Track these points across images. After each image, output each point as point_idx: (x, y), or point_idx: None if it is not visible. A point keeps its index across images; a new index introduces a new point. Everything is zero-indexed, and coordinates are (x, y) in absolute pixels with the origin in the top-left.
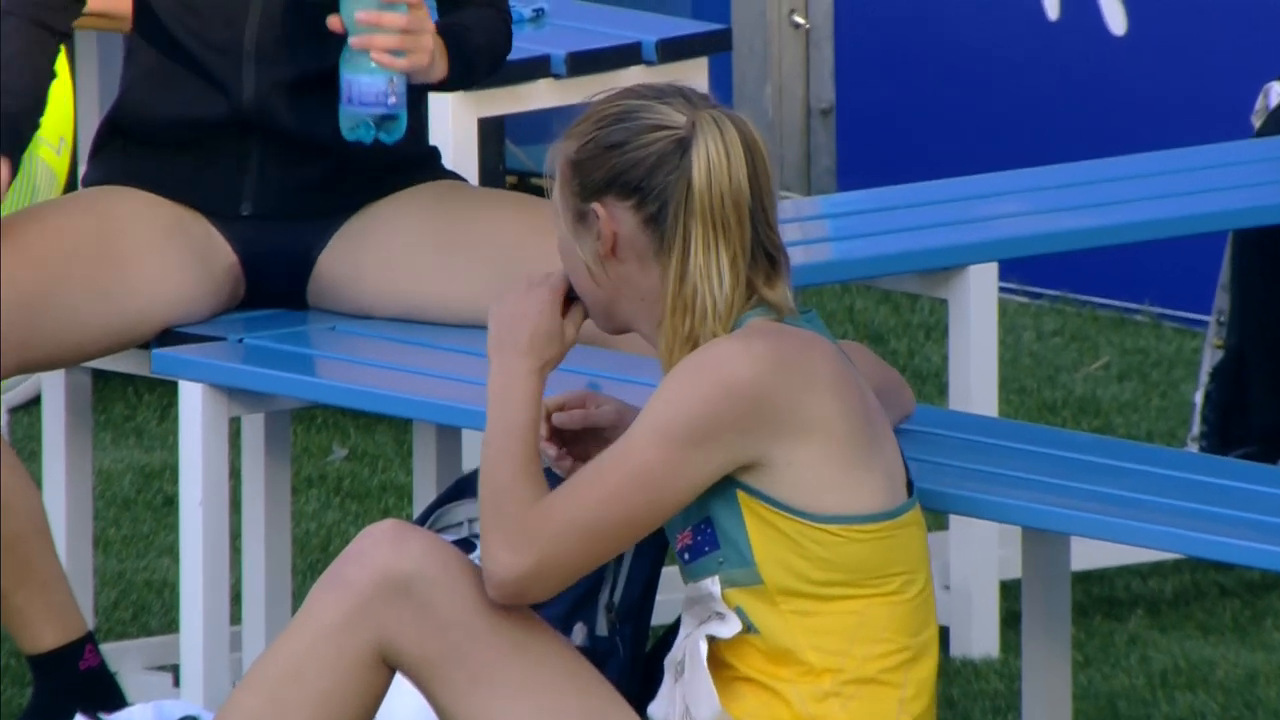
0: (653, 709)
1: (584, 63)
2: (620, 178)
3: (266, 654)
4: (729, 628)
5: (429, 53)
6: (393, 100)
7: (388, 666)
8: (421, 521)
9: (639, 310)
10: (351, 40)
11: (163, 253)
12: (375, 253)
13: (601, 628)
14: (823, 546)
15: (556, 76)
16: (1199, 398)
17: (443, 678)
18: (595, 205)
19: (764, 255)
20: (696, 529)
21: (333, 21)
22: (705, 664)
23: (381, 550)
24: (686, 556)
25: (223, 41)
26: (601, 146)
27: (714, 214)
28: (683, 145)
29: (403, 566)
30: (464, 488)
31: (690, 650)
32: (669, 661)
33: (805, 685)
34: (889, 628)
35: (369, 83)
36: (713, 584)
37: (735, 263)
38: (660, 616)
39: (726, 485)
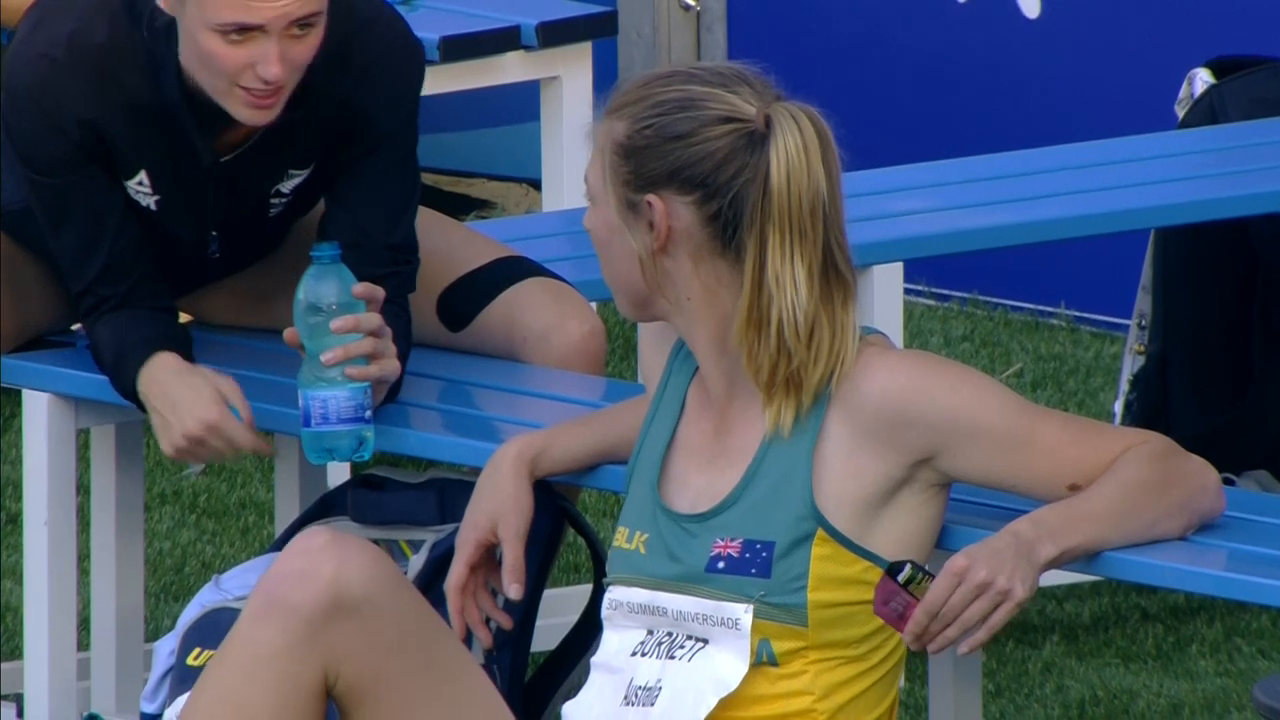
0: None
1: (458, 48)
2: (683, 172)
3: (200, 690)
4: (734, 672)
5: (395, 354)
6: (369, 414)
7: (327, 694)
8: (283, 542)
9: (683, 308)
10: (325, 356)
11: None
12: (221, 292)
13: (477, 654)
14: None
15: (429, 63)
16: (1119, 407)
17: (372, 705)
18: (651, 197)
19: (833, 267)
20: (749, 545)
21: (289, 336)
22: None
23: (326, 568)
24: (721, 565)
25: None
26: (662, 136)
27: (792, 219)
28: (755, 141)
29: (352, 585)
30: (330, 504)
31: (675, 686)
32: (628, 685)
33: None
34: (880, 704)
35: (347, 397)
36: (744, 612)
37: (811, 272)
38: (540, 643)
39: (810, 526)
